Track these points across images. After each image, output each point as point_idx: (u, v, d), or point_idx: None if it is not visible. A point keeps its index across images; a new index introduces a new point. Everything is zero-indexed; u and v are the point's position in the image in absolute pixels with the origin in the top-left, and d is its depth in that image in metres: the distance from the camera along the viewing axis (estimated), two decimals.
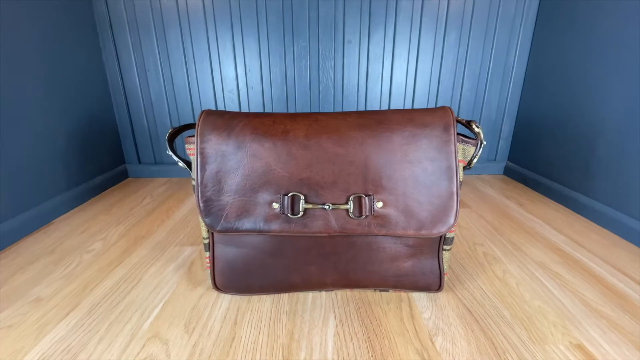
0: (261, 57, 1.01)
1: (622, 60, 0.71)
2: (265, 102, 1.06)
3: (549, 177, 0.94)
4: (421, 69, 1.03)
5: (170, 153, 0.48)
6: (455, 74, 1.04)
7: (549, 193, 0.93)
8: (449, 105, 1.07)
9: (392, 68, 1.03)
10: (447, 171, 0.43)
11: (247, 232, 0.44)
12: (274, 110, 1.06)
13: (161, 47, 1.00)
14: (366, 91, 1.05)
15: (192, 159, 0.46)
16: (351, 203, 0.43)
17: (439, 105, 1.07)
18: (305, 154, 0.44)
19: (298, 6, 0.96)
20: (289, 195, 0.43)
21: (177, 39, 0.99)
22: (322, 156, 0.43)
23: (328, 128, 0.44)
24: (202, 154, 0.44)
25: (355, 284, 0.50)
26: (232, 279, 0.50)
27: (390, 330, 0.45)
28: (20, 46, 0.72)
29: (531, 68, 1.01)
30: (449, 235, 0.47)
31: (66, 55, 0.86)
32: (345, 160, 0.43)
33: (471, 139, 0.45)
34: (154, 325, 0.46)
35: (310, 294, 0.52)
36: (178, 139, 1.13)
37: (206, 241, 0.49)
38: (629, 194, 0.70)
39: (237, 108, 1.06)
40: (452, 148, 0.43)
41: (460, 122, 0.46)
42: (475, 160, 0.45)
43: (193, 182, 0.46)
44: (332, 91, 1.05)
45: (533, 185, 0.99)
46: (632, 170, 0.69)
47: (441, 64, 1.03)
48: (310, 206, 0.43)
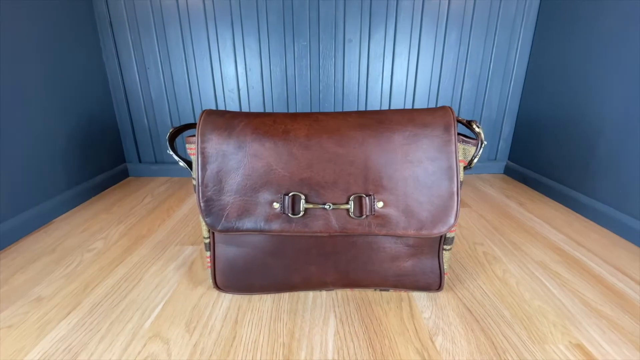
0: (261, 56, 1.01)
1: (622, 60, 0.71)
2: (266, 101, 1.06)
3: (549, 176, 0.94)
4: (422, 69, 1.03)
5: (171, 153, 0.48)
6: (455, 74, 1.04)
7: (549, 192, 0.93)
8: (450, 105, 1.07)
9: (392, 67, 1.03)
10: (448, 171, 0.43)
11: (247, 231, 0.44)
12: (274, 109, 1.06)
13: (161, 45, 1.00)
14: (367, 90, 1.05)
15: (193, 158, 0.46)
16: (352, 203, 0.43)
17: (439, 104, 1.07)
18: (305, 153, 0.44)
19: (298, 5, 0.96)
20: (290, 195, 0.43)
21: (177, 38, 0.99)
22: (323, 156, 0.44)
23: (328, 128, 0.44)
24: (202, 153, 0.44)
25: (355, 284, 0.50)
26: (232, 279, 0.50)
27: (390, 329, 0.45)
28: (20, 46, 0.72)
29: (532, 68, 1.01)
30: (449, 235, 0.47)
31: (66, 54, 0.86)
32: (346, 160, 0.43)
33: (472, 139, 0.45)
34: (155, 324, 0.46)
35: (310, 294, 0.52)
36: (178, 138, 1.13)
37: (207, 241, 0.49)
38: (628, 194, 0.70)
39: (238, 107, 1.06)
40: (453, 148, 0.43)
41: (461, 122, 0.46)
42: (475, 160, 0.45)
43: (194, 181, 0.46)
44: (333, 90, 1.05)
45: (533, 184, 0.99)
46: (632, 170, 0.69)
47: (442, 63, 1.03)
48: (310, 206, 0.43)
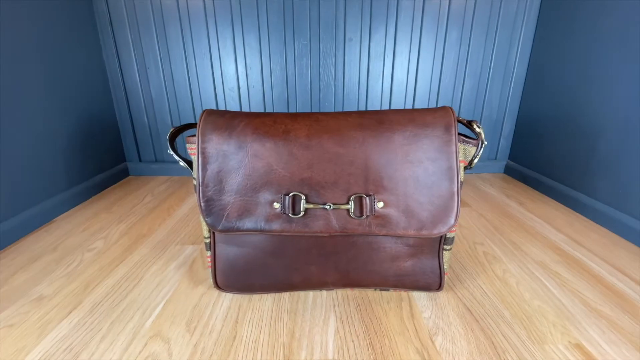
0: (262, 55, 1.01)
1: (623, 60, 0.71)
2: (266, 99, 1.06)
3: (549, 176, 0.94)
4: (422, 68, 1.03)
5: (172, 153, 0.48)
6: (456, 73, 1.04)
7: (549, 192, 0.93)
8: (450, 104, 1.07)
9: (393, 66, 1.03)
10: (448, 171, 0.43)
11: (248, 231, 0.45)
12: (274, 108, 1.06)
13: (161, 44, 1.00)
14: (367, 89, 1.05)
15: (193, 158, 0.46)
16: (352, 203, 0.43)
17: (440, 103, 1.07)
18: (306, 154, 0.44)
19: (299, 4, 0.95)
20: (290, 195, 0.44)
21: (177, 36, 0.99)
22: (323, 156, 0.44)
23: (329, 128, 0.44)
24: (203, 153, 0.44)
25: (355, 283, 0.50)
26: (233, 278, 0.50)
27: (390, 329, 0.45)
28: (20, 45, 0.72)
29: (532, 67, 1.01)
30: (449, 235, 0.47)
31: (66, 54, 0.86)
32: (346, 160, 0.43)
33: (472, 139, 0.45)
34: (156, 324, 0.46)
35: (310, 293, 0.52)
36: (179, 138, 1.13)
37: (207, 240, 0.49)
38: (629, 194, 0.70)
39: (238, 105, 1.06)
40: (453, 148, 0.43)
41: (462, 122, 0.46)
42: (476, 161, 0.45)
43: (194, 181, 0.46)
44: (333, 89, 1.05)
45: (533, 184, 0.99)
46: (632, 170, 0.69)
47: (442, 62, 1.02)
48: (311, 206, 0.43)
